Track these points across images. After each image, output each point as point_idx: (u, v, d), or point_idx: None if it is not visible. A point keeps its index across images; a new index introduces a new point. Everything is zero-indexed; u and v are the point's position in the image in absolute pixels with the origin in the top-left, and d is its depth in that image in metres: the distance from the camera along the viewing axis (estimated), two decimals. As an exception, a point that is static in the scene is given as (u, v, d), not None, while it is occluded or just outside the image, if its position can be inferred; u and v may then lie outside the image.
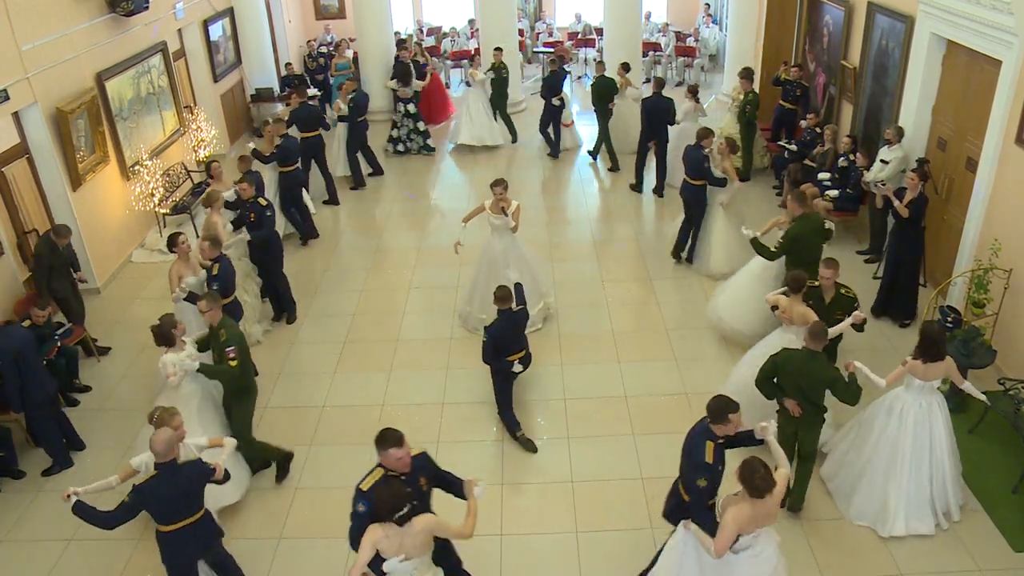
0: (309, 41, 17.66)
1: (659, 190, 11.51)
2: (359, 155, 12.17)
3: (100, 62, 9.60)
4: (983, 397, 5.67)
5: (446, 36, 18.37)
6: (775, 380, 5.49)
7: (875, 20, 9.55)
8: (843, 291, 6.45)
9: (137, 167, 10.19)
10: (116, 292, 9.38)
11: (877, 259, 9.04)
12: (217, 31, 13.65)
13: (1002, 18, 6.82)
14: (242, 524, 5.95)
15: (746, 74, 11.33)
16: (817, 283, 6.46)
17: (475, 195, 11.99)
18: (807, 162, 10.08)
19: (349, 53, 15.94)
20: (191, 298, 6.90)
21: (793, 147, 10.85)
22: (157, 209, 10.32)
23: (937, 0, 7.90)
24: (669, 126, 11.09)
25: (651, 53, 17.32)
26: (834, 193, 9.40)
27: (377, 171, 12.52)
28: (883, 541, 5.54)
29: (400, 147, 13.45)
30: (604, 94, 12.16)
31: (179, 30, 12.48)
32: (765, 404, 5.69)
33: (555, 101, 12.68)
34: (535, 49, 18.82)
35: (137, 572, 5.60)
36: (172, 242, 7.26)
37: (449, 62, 17.99)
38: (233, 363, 5.79)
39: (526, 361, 6.77)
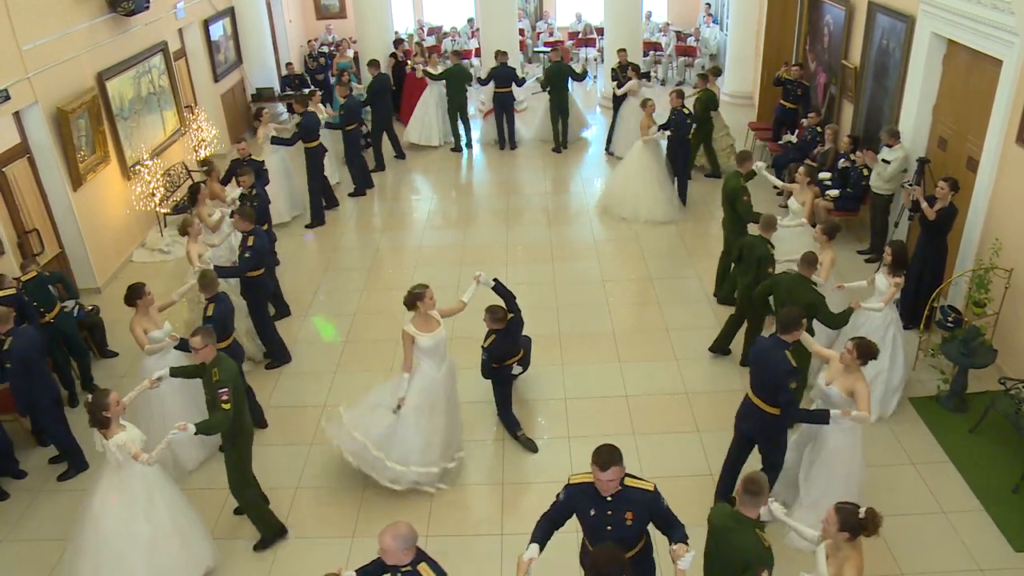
0: (310, 41, 17.69)
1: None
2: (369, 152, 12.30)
3: (101, 62, 9.61)
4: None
5: (447, 36, 18.37)
6: (770, 297, 6.54)
7: (876, 20, 9.55)
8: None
9: (138, 167, 10.20)
10: (117, 292, 9.28)
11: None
12: (218, 31, 13.66)
13: (1003, 17, 6.81)
14: (243, 524, 5.94)
15: (703, 75, 11.71)
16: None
17: (474, 195, 12.02)
18: (808, 162, 10.07)
19: (350, 53, 15.95)
20: (182, 346, 6.30)
21: (793, 139, 10.85)
22: (158, 209, 10.32)
23: (938, 0, 7.90)
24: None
25: (652, 53, 17.32)
26: (835, 193, 9.40)
27: (368, 182, 12.26)
28: (884, 542, 5.54)
29: None
30: (555, 79, 12.79)
31: (180, 30, 12.48)
32: None
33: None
34: (535, 49, 18.82)
35: (138, 572, 5.60)
36: (137, 293, 6.41)
37: (449, 62, 17.95)
38: (226, 406, 5.25)
39: (525, 363, 6.75)
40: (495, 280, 6.49)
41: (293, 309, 8.79)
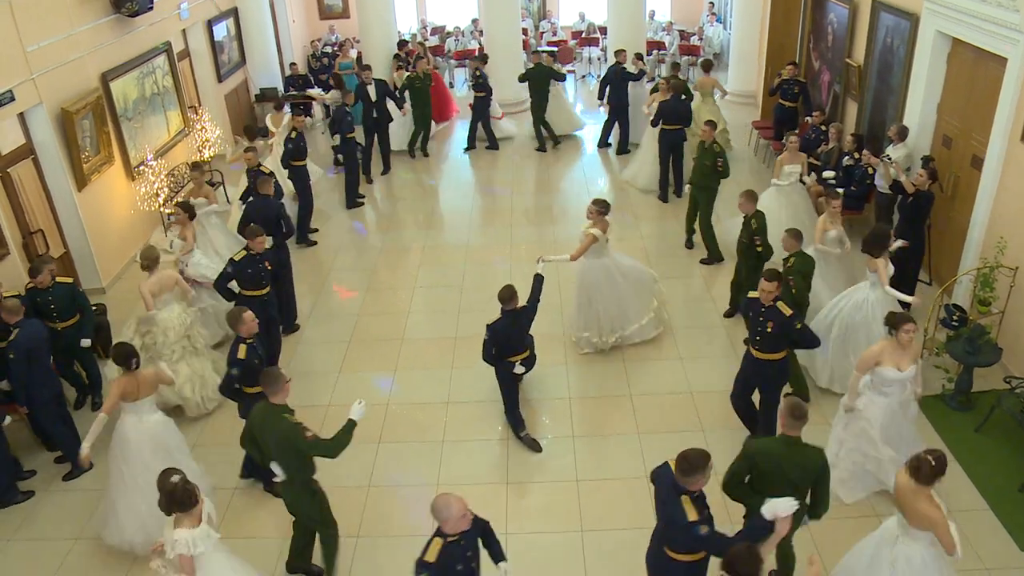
0: (313, 41, 17.73)
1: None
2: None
3: (105, 62, 9.63)
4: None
5: (450, 35, 18.39)
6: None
7: (880, 18, 9.53)
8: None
9: (142, 167, 10.22)
10: (121, 292, 9.42)
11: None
12: (221, 31, 13.69)
13: (1007, 15, 6.79)
14: (246, 524, 5.96)
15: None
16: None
17: (474, 196, 12.02)
18: (811, 160, 10.05)
19: (353, 53, 15.97)
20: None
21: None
22: (162, 209, 10.35)
23: (942, -3, 7.89)
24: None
25: (655, 52, 17.30)
26: (839, 192, 9.36)
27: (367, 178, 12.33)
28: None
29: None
30: (535, 82, 12.96)
31: (183, 30, 12.51)
32: None
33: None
34: (538, 48, 18.80)
35: (141, 572, 5.61)
36: (126, 355, 5.59)
37: (453, 62, 18.00)
38: (310, 435, 4.93)
39: (529, 363, 6.75)
40: (541, 276, 6.91)
41: (295, 307, 8.81)
